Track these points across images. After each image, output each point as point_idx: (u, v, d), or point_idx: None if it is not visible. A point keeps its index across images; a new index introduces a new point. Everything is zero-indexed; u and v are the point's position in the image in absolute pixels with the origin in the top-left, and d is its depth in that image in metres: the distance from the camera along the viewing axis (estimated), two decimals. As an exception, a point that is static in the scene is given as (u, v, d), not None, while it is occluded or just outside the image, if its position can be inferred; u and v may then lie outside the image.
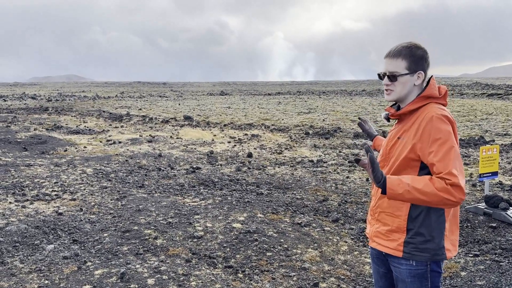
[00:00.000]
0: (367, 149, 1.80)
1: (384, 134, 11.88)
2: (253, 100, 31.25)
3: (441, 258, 1.88)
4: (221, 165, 8.31)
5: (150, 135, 12.29)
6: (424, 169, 1.85)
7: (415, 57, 1.91)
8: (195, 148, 10.22)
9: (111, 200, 5.70)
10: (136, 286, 3.33)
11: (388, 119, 2.05)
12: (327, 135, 12.32)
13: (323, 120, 16.59)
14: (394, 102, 2.04)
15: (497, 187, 6.52)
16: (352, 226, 4.94)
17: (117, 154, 9.20)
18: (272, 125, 15.17)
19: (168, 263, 3.78)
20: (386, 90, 1.95)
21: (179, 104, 26.56)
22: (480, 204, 5.43)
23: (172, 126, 14.85)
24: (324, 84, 72.92)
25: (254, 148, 10.31)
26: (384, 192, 1.81)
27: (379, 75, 1.99)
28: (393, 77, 1.92)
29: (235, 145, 10.69)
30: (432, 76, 1.99)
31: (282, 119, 17.09)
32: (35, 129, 12.96)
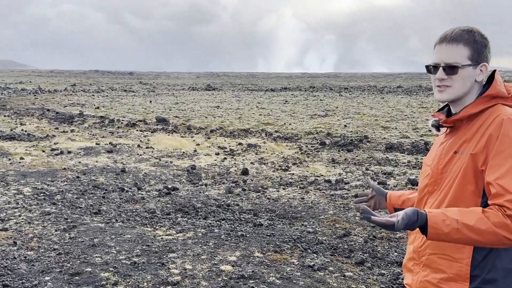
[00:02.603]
0: (362, 209, 1.88)
1: (427, 146, 11.97)
2: (251, 97, 31.32)
3: None
4: (206, 185, 8.33)
5: (110, 143, 12.35)
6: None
7: (478, 45, 1.94)
8: (171, 162, 10.24)
9: (55, 231, 5.68)
10: None
11: (438, 127, 2.08)
12: (350, 146, 12.38)
13: (345, 126, 16.63)
14: (442, 106, 2.09)
15: None
16: (382, 271, 4.93)
17: (65, 169, 9.19)
18: (276, 131, 15.19)
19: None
20: (439, 86, 1.97)
21: (151, 101, 26.56)
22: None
23: (141, 131, 14.88)
24: (347, 77, 73.31)
25: (251, 163, 10.33)
26: (424, 231, 1.81)
27: (428, 67, 2.01)
28: (452, 69, 1.94)
29: (225, 158, 10.74)
30: (495, 70, 2.03)
31: (290, 124, 17.13)
32: (-46, 133, 12.99)
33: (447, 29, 2.01)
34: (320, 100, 28.94)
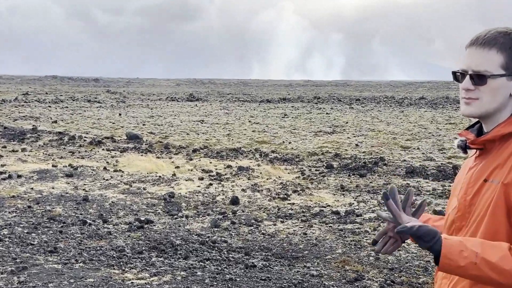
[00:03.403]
0: (386, 195, 1.92)
1: (456, 170, 12.01)
2: (242, 110, 31.38)
3: None
4: (187, 217, 8.31)
5: (70, 165, 12.33)
6: None
7: None
8: (144, 188, 10.24)
9: (1, 273, 5.64)
10: None
11: (465, 148, 2.08)
12: (363, 170, 12.41)
13: (356, 145, 16.67)
14: (472, 122, 2.09)
15: None
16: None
17: (14, 197, 9.13)
18: (273, 151, 15.20)
19: None
20: (466, 98, 1.99)
21: (120, 114, 26.51)
22: None
23: (108, 150, 14.85)
24: (358, 86, 73.61)
25: (243, 190, 10.32)
26: (436, 260, 1.84)
27: (455, 74, 2.03)
28: (480, 78, 1.95)
29: (210, 184, 10.75)
30: None
31: (289, 143, 17.11)
32: None
33: (479, 28, 2.02)
34: (327, 113, 29.01)
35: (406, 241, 2.13)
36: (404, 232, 1.86)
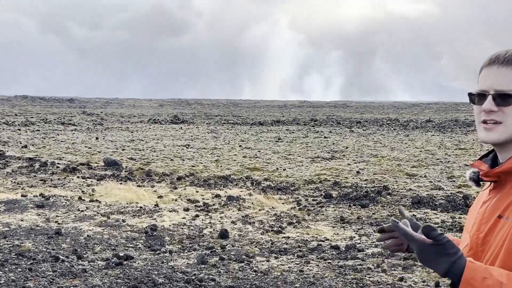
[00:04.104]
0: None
1: (467, 201, 11.98)
2: (232, 133, 31.40)
3: None
4: (171, 252, 8.27)
5: (41, 194, 12.30)
6: None
7: None
8: (123, 220, 10.22)
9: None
10: None
11: (478, 181, 2.07)
12: (365, 200, 12.44)
13: (358, 172, 16.70)
14: (486, 152, 2.09)
15: None
16: None
17: (-22, 230, 9.08)
18: (266, 179, 15.21)
19: None
20: (486, 122, 1.97)
21: (97, 138, 26.56)
22: None
23: (83, 178, 14.82)
24: (359, 107, 73.78)
25: (232, 222, 10.32)
26: (454, 285, 1.79)
27: (471, 95, 2.03)
28: (504, 99, 1.94)
29: (197, 216, 10.75)
30: None
31: (284, 170, 17.12)
32: None
33: (488, 44, 1.99)
34: (325, 137, 29.10)
35: (407, 253, 2.05)
36: (429, 231, 1.74)
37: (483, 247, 1.94)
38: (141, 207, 11.38)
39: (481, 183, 2.05)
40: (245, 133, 31.72)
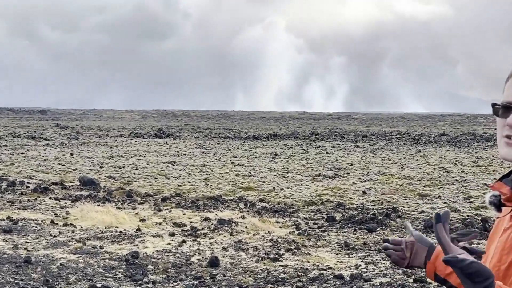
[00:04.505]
0: (438, 216, 1.90)
1: (486, 224, 11.91)
2: (223, 148, 31.69)
3: None
4: (154, 282, 8.32)
5: (9, 217, 12.38)
6: None
7: None
8: (101, 247, 10.24)
9: None
10: None
11: (499, 205, 2.08)
12: (372, 223, 12.47)
13: (364, 192, 16.79)
14: (509, 170, 2.09)
15: None
16: None
17: None
18: (261, 200, 15.31)
19: None
20: (510, 138, 1.99)
21: (72, 154, 26.70)
22: None
23: (56, 199, 14.86)
24: (366, 119, 74.88)
25: (224, 249, 10.34)
26: None
27: (495, 106, 2.04)
28: None
29: (184, 242, 10.78)
30: None
31: (281, 190, 17.25)
32: None
33: (507, 49, 1.89)
34: (327, 153, 29.45)
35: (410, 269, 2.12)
36: (452, 263, 1.74)
37: (505, 280, 1.96)
38: (121, 231, 11.44)
39: (503, 207, 2.07)
40: (238, 148, 32.16)
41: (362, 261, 9.67)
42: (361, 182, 18.90)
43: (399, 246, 2.34)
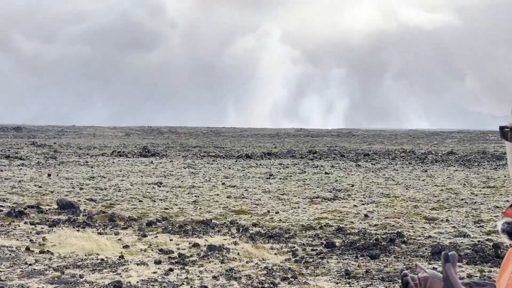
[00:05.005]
0: (446, 256, 1.97)
1: (498, 251, 11.87)
2: (214, 168, 31.80)
3: None
4: None
5: None
6: None
7: None
8: (81, 276, 10.23)
9: None
10: None
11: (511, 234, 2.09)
12: (375, 249, 12.46)
13: (366, 216, 16.84)
14: None
15: None
16: None
17: None
18: (255, 225, 15.36)
19: None
20: None
21: (50, 175, 26.75)
22: None
23: (32, 224, 14.87)
24: (367, 137, 75.00)
25: (214, 277, 10.33)
26: None
27: (503, 130, 2.02)
28: None
29: (171, 270, 10.77)
30: None
31: (276, 213, 17.30)
32: None
33: None
34: (326, 173, 29.59)
35: None
36: None
37: None
38: (102, 259, 11.40)
39: None
40: (230, 168, 32.29)
41: (364, 290, 9.63)
42: (363, 204, 18.95)
43: (413, 282, 2.30)
